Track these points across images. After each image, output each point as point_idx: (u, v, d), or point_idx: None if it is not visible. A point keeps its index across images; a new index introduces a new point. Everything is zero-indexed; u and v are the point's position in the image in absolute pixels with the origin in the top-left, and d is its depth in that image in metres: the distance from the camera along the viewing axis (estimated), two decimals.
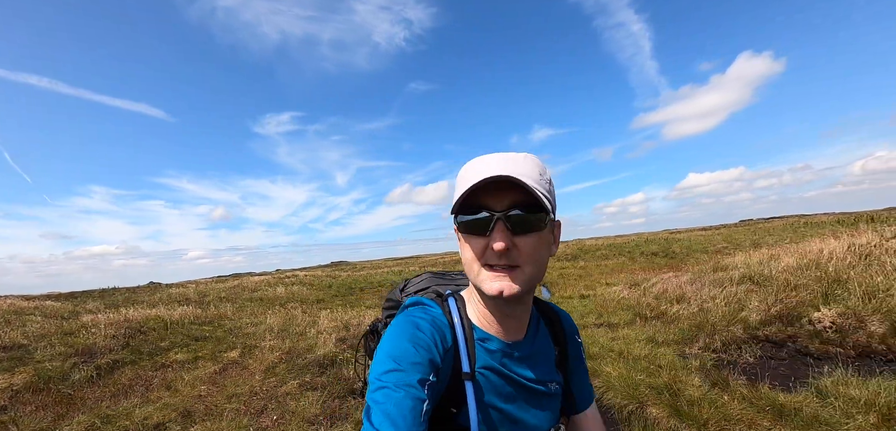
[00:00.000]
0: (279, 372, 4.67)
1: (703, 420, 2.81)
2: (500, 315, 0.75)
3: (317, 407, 3.71)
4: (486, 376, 0.74)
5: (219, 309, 11.06)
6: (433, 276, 1.05)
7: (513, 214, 0.65)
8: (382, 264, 54.57)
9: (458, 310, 0.78)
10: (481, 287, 0.68)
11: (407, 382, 0.61)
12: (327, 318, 6.99)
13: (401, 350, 0.65)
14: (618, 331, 5.44)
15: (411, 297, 0.84)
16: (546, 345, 0.84)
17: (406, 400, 0.59)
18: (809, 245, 7.36)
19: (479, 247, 0.68)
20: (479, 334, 0.76)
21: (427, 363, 0.65)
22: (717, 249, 18.85)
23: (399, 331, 0.69)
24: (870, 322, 3.99)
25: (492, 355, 0.75)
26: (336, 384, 4.17)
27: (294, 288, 18.51)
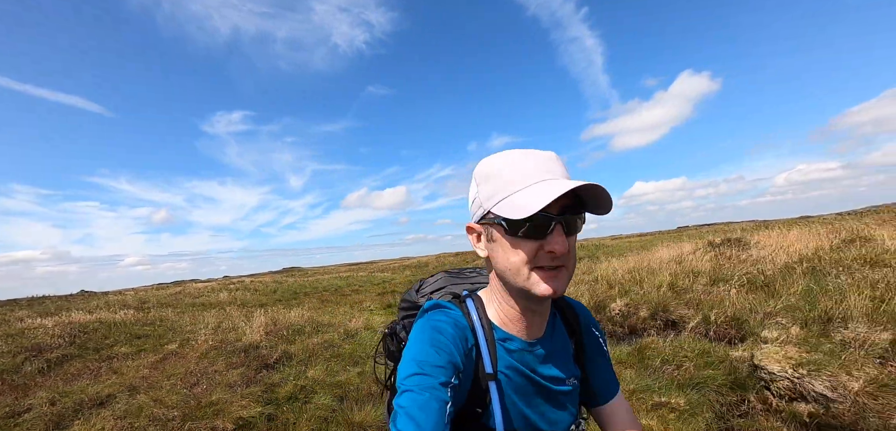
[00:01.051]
0: (211, 357, 5.82)
1: None
2: (529, 314, 0.77)
3: (237, 378, 4.95)
4: (509, 376, 0.76)
5: (160, 313, 11.72)
6: (448, 276, 1.07)
7: (567, 217, 0.68)
8: (335, 269, 54.69)
9: (476, 312, 0.79)
10: (532, 289, 0.68)
11: (430, 385, 0.63)
12: (261, 316, 8.12)
13: (424, 354, 0.67)
14: None
15: (430, 300, 0.84)
16: (563, 340, 0.86)
17: (430, 402, 0.61)
18: (657, 252, 9.40)
19: (532, 250, 0.68)
20: (500, 334, 0.77)
21: (449, 365, 0.67)
22: (622, 254, 21.45)
23: (420, 335, 0.71)
24: (641, 309, 5.79)
25: (513, 355, 0.76)
26: (255, 362, 5.42)
27: (238, 293, 19.00)
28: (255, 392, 4.44)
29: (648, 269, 7.74)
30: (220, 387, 4.70)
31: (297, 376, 4.90)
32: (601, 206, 0.68)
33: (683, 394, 3.37)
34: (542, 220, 0.65)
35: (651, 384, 3.61)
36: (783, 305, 4.25)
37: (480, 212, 0.74)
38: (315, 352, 5.79)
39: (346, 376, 4.88)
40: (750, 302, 4.56)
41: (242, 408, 4.05)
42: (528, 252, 0.67)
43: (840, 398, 2.95)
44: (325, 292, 19.18)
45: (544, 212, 0.65)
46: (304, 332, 6.77)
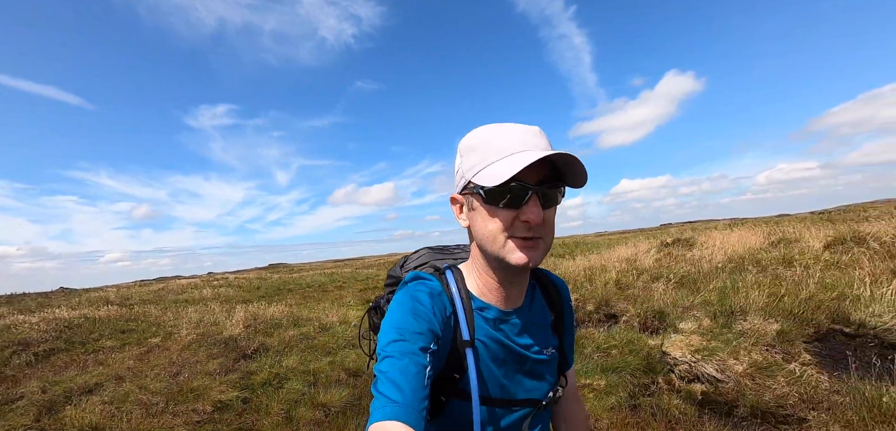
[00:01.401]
0: (193, 349, 6.23)
1: None
2: (507, 284, 0.79)
3: (217, 367, 5.38)
4: (486, 343, 0.77)
5: (143, 309, 11.98)
6: (431, 251, 1.08)
7: (544, 188, 0.69)
8: (321, 266, 54.82)
9: (455, 282, 0.81)
10: (507, 257, 0.70)
11: (410, 351, 0.64)
12: (241, 311, 8.51)
13: (403, 322, 0.69)
14: None
15: (411, 273, 0.85)
16: (542, 311, 0.88)
17: (410, 367, 0.62)
18: (617, 251, 10.04)
19: (508, 219, 0.70)
20: (477, 303, 0.79)
21: (428, 332, 0.69)
22: (599, 251, 22.24)
23: (400, 305, 0.73)
24: (588, 303, 6.37)
25: (490, 323, 0.78)
26: (234, 353, 5.85)
27: (222, 290, 19.23)
28: (233, 379, 4.88)
29: (602, 267, 8.34)
30: (200, 375, 5.13)
31: (272, 365, 5.35)
32: (578, 178, 0.71)
33: (605, 377, 3.92)
34: (518, 190, 0.67)
35: (581, 368, 4.16)
36: (701, 300, 4.85)
37: (462, 183, 0.77)
38: (291, 344, 6.24)
39: (318, 364, 5.35)
40: (675, 298, 5.15)
41: (221, 393, 4.50)
42: (504, 220, 0.69)
43: (726, 379, 3.54)
44: (309, 288, 19.51)
45: (521, 181, 0.67)
46: (281, 326, 7.21)
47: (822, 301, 4.00)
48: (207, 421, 3.96)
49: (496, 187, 0.67)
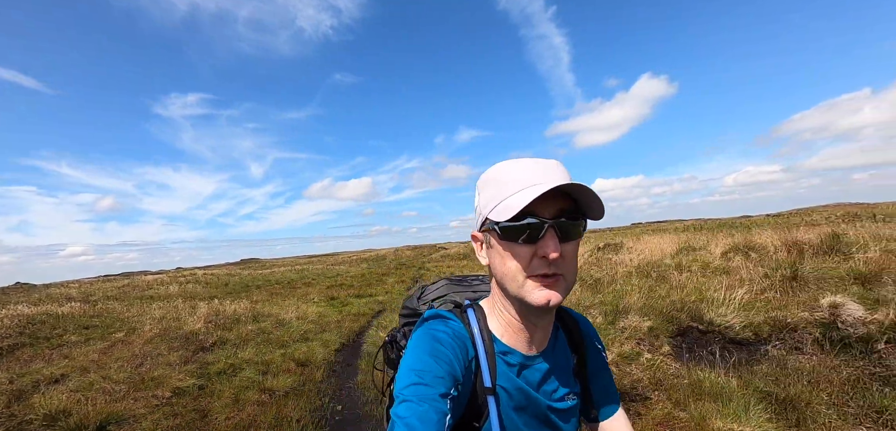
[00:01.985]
0: (155, 343, 6.73)
1: None
2: (530, 325, 0.76)
3: (177, 359, 5.93)
4: (508, 390, 0.75)
5: (106, 305, 12.18)
6: (450, 283, 1.08)
7: (562, 222, 0.67)
8: (294, 262, 54.58)
9: (477, 323, 0.78)
10: (527, 298, 0.68)
11: (430, 396, 0.62)
12: (205, 307, 8.98)
13: (423, 364, 0.66)
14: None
15: (430, 309, 0.84)
16: (565, 354, 0.85)
17: (430, 413, 0.60)
18: None
19: (525, 256, 0.68)
20: (500, 347, 0.76)
21: (449, 377, 0.66)
22: None
23: (420, 345, 0.70)
24: None
25: (513, 368, 0.76)
26: (194, 346, 6.41)
27: (189, 286, 19.34)
28: (191, 369, 5.46)
29: None
30: (161, 366, 5.67)
31: (228, 356, 5.94)
32: (596, 210, 0.68)
33: None
34: (534, 225, 0.65)
35: None
36: (599, 300, 5.70)
37: (480, 220, 0.75)
38: (248, 338, 6.83)
39: (271, 356, 5.97)
40: (581, 298, 6.00)
41: (179, 381, 5.07)
42: (522, 257, 0.67)
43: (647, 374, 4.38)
44: (277, 285, 19.81)
45: (536, 216, 0.65)
46: (241, 322, 7.76)
47: (686, 302, 4.92)
48: (166, 405, 4.55)
49: (510, 222, 0.66)
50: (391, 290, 14.42)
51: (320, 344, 6.65)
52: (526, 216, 0.65)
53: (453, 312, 0.81)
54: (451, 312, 0.80)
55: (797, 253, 6.74)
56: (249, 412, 4.20)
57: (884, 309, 4.13)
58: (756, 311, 4.59)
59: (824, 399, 3.32)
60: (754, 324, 4.43)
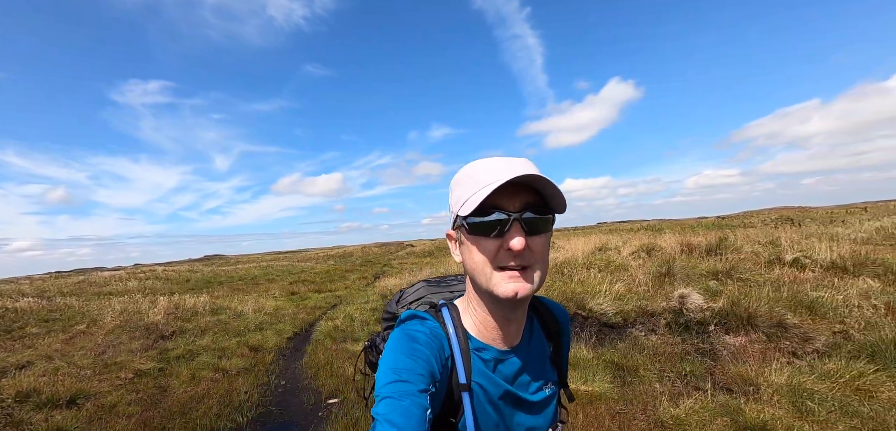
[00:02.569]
0: (116, 333, 7.26)
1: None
2: (502, 320, 0.77)
3: (138, 346, 6.54)
4: (483, 386, 0.76)
5: (64, 301, 12.33)
6: (428, 285, 1.09)
7: (527, 216, 0.68)
8: (260, 258, 53.83)
9: (452, 321, 0.79)
10: (494, 290, 0.70)
11: (409, 392, 0.64)
12: (164, 301, 9.48)
13: (401, 362, 0.68)
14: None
15: (407, 310, 0.86)
16: (541, 344, 0.87)
17: (411, 408, 0.62)
18: None
19: (492, 249, 0.69)
20: (475, 343, 0.78)
21: (427, 373, 0.68)
22: None
23: (397, 345, 0.72)
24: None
25: (487, 364, 0.77)
26: (154, 335, 7.01)
27: (148, 282, 19.30)
28: (152, 355, 6.11)
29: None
30: (123, 352, 6.27)
31: (187, 344, 6.60)
32: (558, 203, 0.70)
33: None
34: (500, 219, 0.67)
35: None
36: None
37: (452, 218, 0.78)
38: (207, 328, 7.48)
39: (227, 343, 6.67)
40: None
41: (141, 364, 5.72)
42: (490, 251, 0.69)
43: None
44: (240, 281, 20.05)
45: (502, 209, 0.68)
46: (200, 314, 8.36)
47: (576, 294, 5.98)
48: (129, 384, 5.21)
49: (477, 216, 0.69)
50: (351, 286, 15.14)
51: (274, 333, 7.39)
52: (493, 211, 0.68)
53: (429, 312, 0.83)
54: (427, 312, 0.82)
55: (687, 253, 8.02)
56: (204, 386, 4.94)
57: (720, 299, 5.32)
58: (628, 301, 5.70)
59: (654, 367, 4.42)
60: (625, 311, 5.54)
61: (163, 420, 4.11)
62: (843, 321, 4.29)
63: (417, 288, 1.09)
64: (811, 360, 3.94)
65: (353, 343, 6.29)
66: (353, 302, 10.12)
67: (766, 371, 3.78)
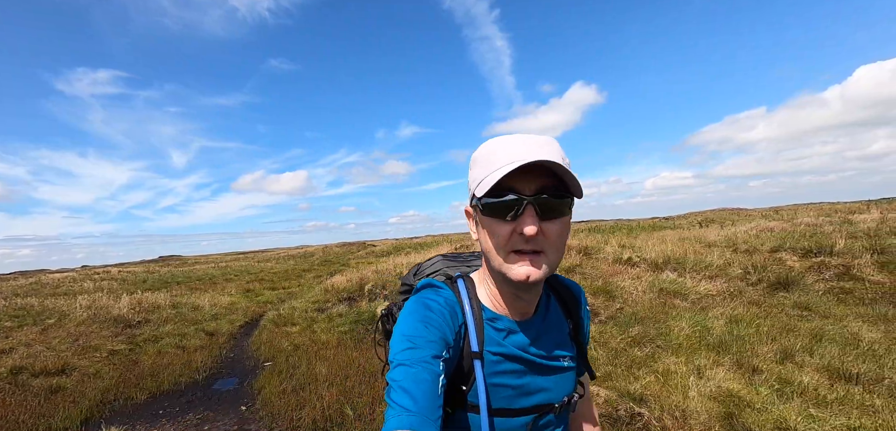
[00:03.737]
0: (87, 324, 8.48)
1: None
2: (513, 297, 0.79)
3: (109, 333, 7.84)
4: (495, 354, 0.77)
5: (25, 301, 13.06)
6: (444, 259, 1.10)
7: (542, 199, 0.67)
8: (220, 258, 53.35)
9: (466, 291, 0.81)
10: (507, 273, 0.70)
11: (422, 358, 0.65)
12: (128, 298, 10.63)
13: (414, 330, 0.69)
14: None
15: (423, 281, 0.87)
16: (558, 320, 0.88)
17: (423, 374, 0.63)
18: (430, 252, 13.84)
19: (506, 232, 0.69)
20: (488, 314, 0.79)
21: (440, 340, 0.69)
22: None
23: (412, 313, 0.74)
24: (366, 284, 9.82)
25: (500, 333, 0.79)
26: (122, 323, 8.31)
27: (104, 283, 19.76)
28: (122, 339, 7.45)
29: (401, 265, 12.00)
30: (96, 338, 7.57)
31: (152, 331, 7.96)
32: (575, 188, 0.69)
33: (355, 325, 7.32)
34: (513, 201, 0.67)
35: (341, 323, 7.52)
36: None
37: (470, 196, 0.78)
38: (168, 319, 8.81)
39: (187, 330, 8.07)
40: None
41: (113, 346, 7.07)
42: (503, 234, 0.69)
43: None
44: (198, 281, 20.82)
45: (516, 192, 0.67)
46: (161, 308, 9.65)
47: None
48: (105, 359, 6.57)
49: (491, 198, 0.69)
50: (304, 284, 16.51)
51: (227, 322, 8.83)
52: (507, 192, 0.67)
53: (445, 282, 0.85)
54: (443, 282, 0.85)
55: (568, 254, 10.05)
56: (168, 359, 6.40)
57: None
58: None
59: None
60: None
61: (137, 380, 5.56)
62: (624, 299, 6.33)
63: (434, 261, 1.10)
64: (597, 325, 5.92)
65: (291, 326, 7.85)
66: (301, 297, 11.59)
67: None
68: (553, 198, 0.68)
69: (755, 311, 5.71)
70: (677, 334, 4.99)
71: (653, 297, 6.36)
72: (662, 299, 6.29)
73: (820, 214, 14.39)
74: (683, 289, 6.57)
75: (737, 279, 7.09)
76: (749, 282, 6.97)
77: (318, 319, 8.07)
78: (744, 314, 5.60)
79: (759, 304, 6.05)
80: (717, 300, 6.24)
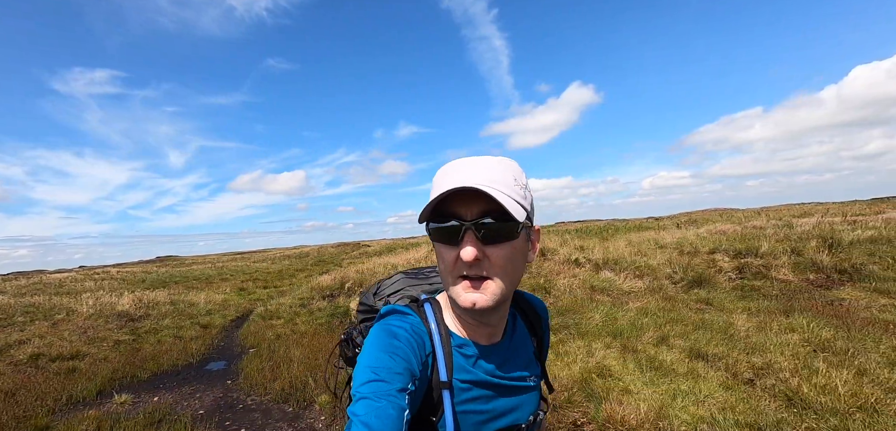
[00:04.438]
0: (93, 318, 9.47)
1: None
2: (476, 323, 0.76)
3: (114, 326, 8.84)
4: (463, 382, 0.75)
5: (31, 299, 14.02)
6: (406, 276, 1.05)
7: (483, 222, 0.65)
8: (217, 259, 54.26)
9: (434, 317, 0.78)
10: (456, 299, 0.69)
11: (387, 392, 0.62)
12: (130, 295, 11.62)
13: (378, 360, 0.66)
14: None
15: (387, 305, 0.83)
16: (524, 340, 0.87)
17: (388, 409, 0.60)
18: (407, 254, 14.82)
19: (451, 257, 0.68)
20: (456, 340, 0.77)
21: (406, 372, 0.66)
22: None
23: (376, 342, 0.70)
24: (347, 283, 10.83)
25: (469, 359, 0.77)
26: (126, 318, 9.31)
27: (105, 282, 20.76)
28: (126, 331, 8.45)
29: (370, 270, 12.99)
30: (103, 331, 8.56)
31: (153, 324, 8.96)
32: (517, 212, 0.65)
33: (331, 318, 8.33)
34: (453, 227, 0.66)
35: (320, 316, 8.53)
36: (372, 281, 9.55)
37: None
38: (167, 314, 9.81)
39: (184, 323, 9.07)
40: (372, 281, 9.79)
41: (119, 337, 8.07)
42: (448, 258, 0.68)
43: None
44: (195, 281, 21.84)
45: (458, 216, 0.66)
46: (160, 304, 10.65)
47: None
48: (112, 348, 7.57)
49: (435, 223, 0.68)
50: (295, 283, 17.49)
51: (220, 317, 9.84)
52: (450, 218, 0.66)
53: (410, 306, 0.81)
54: (409, 307, 0.81)
55: None
56: (167, 346, 7.40)
57: None
58: None
59: None
60: None
61: (140, 363, 6.56)
62: (558, 295, 7.36)
63: (395, 280, 1.05)
64: None
65: (276, 320, 8.87)
66: (290, 294, 12.58)
67: None
68: (496, 221, 0.65)
69: (665, 305, 6.75)
70: (589, 323, 6.03)
71: (583, 293, 7.40)
72: (591, 295, 7.32)
73: (773, 218, 15.48)
74: (612, 286, 7.61)
75: (663, 277, 8.14)
76: (673, 281, 8.02)
77: (301, 313, 9.09)
78: (654, 307, 6.64)
79: (672, 299, 7.09)
80: (638, 296, 7.28)
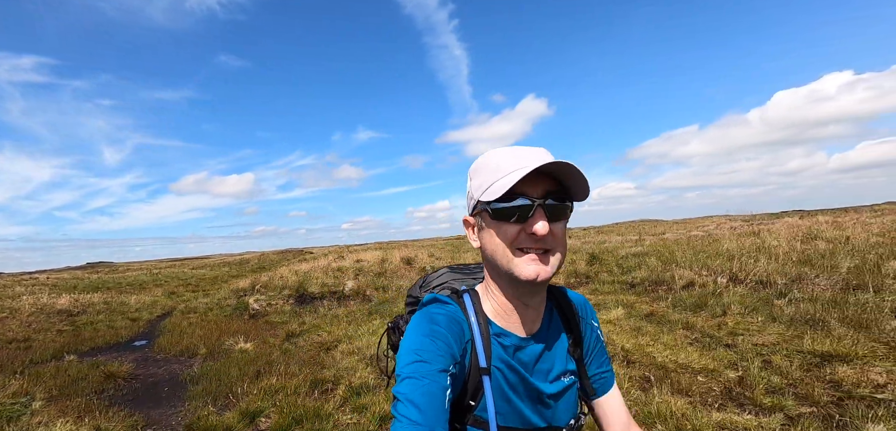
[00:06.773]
0: (35, 315, 11.49)
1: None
2: (521, 305, 0.81)
3: (56, 321, 10.99)
4: (502, 370, 0.79)
5: None
6: (451, 271, 1.13)
7: (549, 202, 0.73)
8: (154, 265, 53.29)
9: (473, 306, 0.83)
10: (515, 271, 0.73)
11: (429, 372, 0.67)
12: (67, 296, 13.54)
13: (421, 343, 0.72)
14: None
15: (429, 294, 0.90)
16: (559, 334, 0.90)
17: (431, 387, 0.65)
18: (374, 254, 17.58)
19: (513, 233, 0.73)
20: (495, 329, 0.81)
21: (447, 354, 0.71)
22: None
23: (418, 327, 0.76)
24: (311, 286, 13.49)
25: (507, 350, 0.81)
26: (65, 314, 11.45)
27: (36, 288, 21.59)
28: (67, 323, 10.68)
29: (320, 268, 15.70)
30: (46, 324, 10.70)
31: (89, 318, 11.18)
32: (581, 190, 0.75)
33: (235, 310, 10.99)
34: (524, 205, 0.71)
35: (228, 310, 11.15)
36: (292, 282, 12.35)
37: (472, 204, 0.82)
38: (102, 311, 12.00)
39: (116, 318, 11.34)
40: (302, 282, 12.60)
41: (60, 327, 10.28)
42: (509, 234, 0.74)
43: (265, 310, 10.93)
44: (129, 286, 23.05)
45: (526, 196, 0.72)
46: (96, 304, 12.77)
47: (308, 281, 11.73)
48: (56, 335, 9.80)
49: (502, 202, 0.73)
50: (224, 287, 19.57)
51: (147, 313, 12.16)
52: (516, 197, 0.72)
53: (450, 297, 0.87)
54: (449, 297, 0.87)
55: (407, 264, 14.26)
56: (102, 332, 9.78)
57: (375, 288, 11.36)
58: (341, 284, 11.58)
59: (330, 320, 10.22)
60: (333, 289, 11.39)
61: (81, 342, 8.90)
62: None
63: (441, 273, 1.14)
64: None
65: (194, 315, 11.34)
66: (213, 296, 14.92)
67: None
68: (557, 201, 0.74)
69: None
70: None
71: None
72: None
73: (646, 234, 19.64)
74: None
75: None
76: None
77: (214, 309, 11.65)
78: None
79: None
80: None
